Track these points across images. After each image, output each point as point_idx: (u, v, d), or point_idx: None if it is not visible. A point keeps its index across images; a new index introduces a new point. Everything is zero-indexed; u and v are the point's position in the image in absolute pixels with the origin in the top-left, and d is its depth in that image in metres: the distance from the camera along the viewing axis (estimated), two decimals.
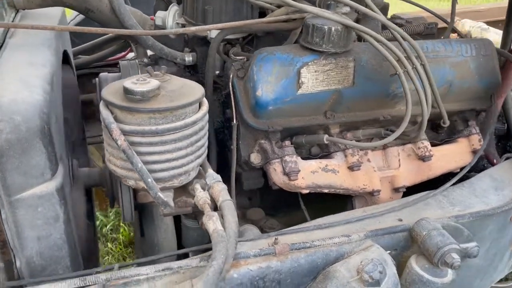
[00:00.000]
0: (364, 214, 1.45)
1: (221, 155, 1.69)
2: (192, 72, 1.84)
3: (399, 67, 1.39)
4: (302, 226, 1.41)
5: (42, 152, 1.22)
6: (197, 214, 1.53)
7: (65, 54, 1.91)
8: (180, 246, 1.77)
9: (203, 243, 1.78)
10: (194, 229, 1.72)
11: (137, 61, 1.85)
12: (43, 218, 1.29)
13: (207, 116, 1.32)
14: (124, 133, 1.19)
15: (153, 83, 1.21)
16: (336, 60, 1.46)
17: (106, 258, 2.74)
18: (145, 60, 1.87)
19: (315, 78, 1.46)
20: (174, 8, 1.68)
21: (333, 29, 1.39)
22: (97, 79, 1.78)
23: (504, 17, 3.26)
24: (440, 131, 1.77)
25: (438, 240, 1.29)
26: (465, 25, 2.99)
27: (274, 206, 1.90)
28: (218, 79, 1.68)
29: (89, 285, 1.17)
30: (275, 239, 1.32)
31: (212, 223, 1.22)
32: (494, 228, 1.52)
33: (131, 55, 2.47)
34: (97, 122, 2.47)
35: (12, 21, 1.63)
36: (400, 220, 1.43)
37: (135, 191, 1.47)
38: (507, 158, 1.71)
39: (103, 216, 3.01)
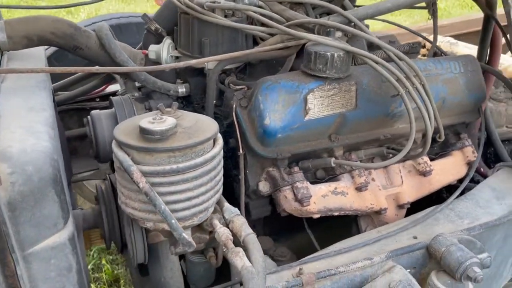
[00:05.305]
0: (379, 234, 1.47)
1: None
2: (185, 103, 1.81)
3: (400, 87, 1.43)
4: (322, 253, 1.40)
5: (54, 201, 1.16)
6: (203, 249, 1.50)
7: None
8: (185, 282, 1.72)
9: (209, 278, 1.75)
10: (200, 264, 1.68)
11: (128, 95, 1.81)
12: (56, 269, 1.23)
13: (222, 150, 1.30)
14: (144, 174, 1.15)
15: (169, 121, 1.18)
16: (340, 85, 1.48)
17: None
18: (136, 94, 1.84)
19: (320, 103, 1.47)
20: (168, 42, 1.67)
21: (335, 55, 1.42)
22: (88, 117, 1.73)
23: (466, 31, 3.43)
24: (434, 145, 1.82)
25: (458, 255, 1.31)
26: None
27: (277, 231, 1.89)
28: (216, 108, 1.66)
29: None
30: (300, 269, 1.30)
31: (239, 259, 1.19)
32: (500, 237, 1.57)
33: (110, 88, 2.42)
34: (78, 159, 2.40)
35: None
36: (415, 237, 1.45)
37: (146, 232, 1.42)
38: (499, 168, 1.77)
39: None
